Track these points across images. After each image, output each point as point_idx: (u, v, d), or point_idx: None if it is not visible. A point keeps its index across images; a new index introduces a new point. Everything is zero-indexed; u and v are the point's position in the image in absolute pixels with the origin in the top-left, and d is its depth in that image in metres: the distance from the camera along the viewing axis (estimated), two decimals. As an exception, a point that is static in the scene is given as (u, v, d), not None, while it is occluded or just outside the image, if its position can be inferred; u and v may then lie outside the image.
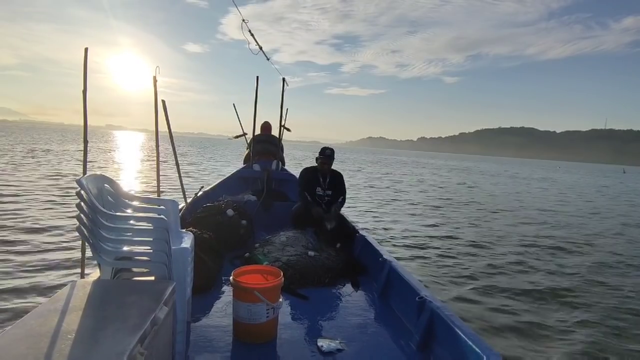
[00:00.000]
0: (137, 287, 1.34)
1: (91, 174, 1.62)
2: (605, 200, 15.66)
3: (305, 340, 1.96)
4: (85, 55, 2.22)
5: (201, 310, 2.18)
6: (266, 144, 5.56)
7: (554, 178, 30.87)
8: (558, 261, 5.44)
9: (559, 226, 8.36)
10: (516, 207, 11.23)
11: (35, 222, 5.49)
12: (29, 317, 1.06)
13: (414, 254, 5.25)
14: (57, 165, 14.22)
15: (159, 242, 1.54)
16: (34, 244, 4.52)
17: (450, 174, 26.22)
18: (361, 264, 3.02)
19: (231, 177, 5.34)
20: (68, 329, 1.02)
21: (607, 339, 3.17)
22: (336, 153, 4.05)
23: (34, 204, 6.86)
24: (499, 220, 8.68)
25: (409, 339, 1.98)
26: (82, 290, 1.28)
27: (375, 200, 10.58)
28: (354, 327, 2.12)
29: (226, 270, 2.70)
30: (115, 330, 1.02)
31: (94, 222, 1.46)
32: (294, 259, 2.78)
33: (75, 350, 0.92)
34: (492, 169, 39.45)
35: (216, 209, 3.51)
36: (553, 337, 3.14)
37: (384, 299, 2.49)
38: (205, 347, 1.82)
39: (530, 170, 46.61)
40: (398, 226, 7.08)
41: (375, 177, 19.11)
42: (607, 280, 4.69)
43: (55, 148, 24.37)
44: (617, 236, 7.69)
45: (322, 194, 3.75)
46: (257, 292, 1.82)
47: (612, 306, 3.87)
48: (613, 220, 9.79)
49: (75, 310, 1.13)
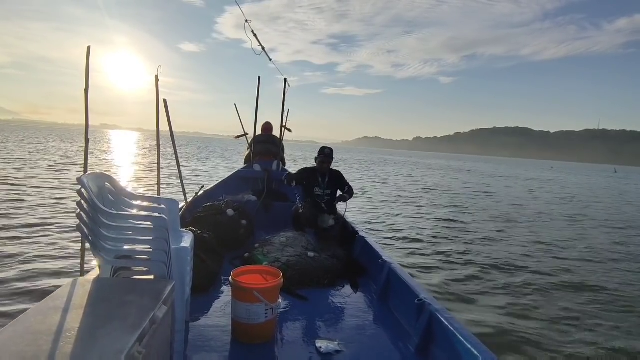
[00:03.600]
0: (136, 286, 1.35)
1: (92, 172, 1.62)
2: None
3: (304, 341, 1.96)
4: (88, 55, 2.22)
5: (200, 310, 2.18)
6: (267, 144, 5.56)
7: (555, 179, 30.96)
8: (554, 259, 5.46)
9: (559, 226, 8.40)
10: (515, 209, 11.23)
11: (35, 220, 5.50)
12: (28, 315, 1.06)
13: (413, 254, 5.26)
14: (57, 164, 14.25)
15: (158, 241, 1.54)
16: (34, 241, 4.53)
17: (469, 177, 26.15)
18: (361, 266, 3.02)
19: (231, 177, 5.34)
20: (67, 326, 1.02)
21: (608, 339, 3.17)
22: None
23: (34, 202, 6.87)
24: (496, 222, 8.69)
25: (407, 341, 1.98)
26: (82, 288, 1.28)
27: (373, 199, 10.59)
28: (353, 328, 2.12)
29: (226, 270, 2.70)
30: (114, 329, 1.02)
31: (95, 220, 1.47)
32: (294, 259, 2.78)
33: (74, 348, 0.93)
34: (502, 171, 39.64)
35: (216, 209, 3.51)
36: (553, 337, 3.14)
37: (383, 301, 2.49)
38: (203, 347, 1.82)
39: (531, 170, 46.78)
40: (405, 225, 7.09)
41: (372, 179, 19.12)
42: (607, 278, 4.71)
43: (53, 147, 24.42)
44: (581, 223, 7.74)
45: (321, 193, 3.75)
46: (256, 293, 1.82)
47: (612, 306, 3.88)
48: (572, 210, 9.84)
49: (75, 308, 1.13)
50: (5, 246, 4.27)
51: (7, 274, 3.51)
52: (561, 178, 33.03)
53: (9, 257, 3.92)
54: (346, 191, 3.78)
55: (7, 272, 3.54)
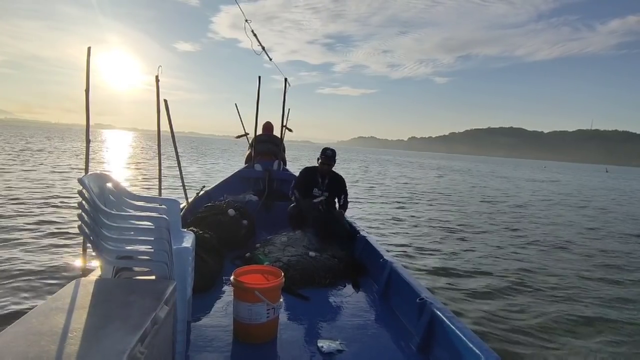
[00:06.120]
0: (138, 286, 1.35)
1: (93, 173, 1.62)
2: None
3: (306, 340, 1.96)
4: (88, 55, 2.22)
5: (202, 310, 2.18)
6: (268, 144, 5.56)
7: (547, 179, 31.02)
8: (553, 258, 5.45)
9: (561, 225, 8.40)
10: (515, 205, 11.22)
11: (37, 220, 5.51)
12: (30, 315, 1.06)
13: (413, 254, 5.26)
14: (56, 164, 14.27)
15: (160, 242, 1.54)
16: (35, 242, 4.53)
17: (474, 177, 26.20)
18: (362, 265, 3.02)
19: (232, 177, 5.34)
20: (69, 327, 1.02)
21: (610, 339, 3.17)
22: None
23: (34, 201, 6.88)
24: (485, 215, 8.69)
25: (409, 340, 1.98)
26: (83, 288, 1.28)
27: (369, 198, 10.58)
28: (354, 328, 2.12)
29: (227, 270, 2.70)
30: (116, 329, 1.02)
31: (96, 220, 1.47)
32: (295, 259, 2.78)
33: (76, 348, 0.93)
34: (500, 171, 39.73)
35: (217, 209, 3.51)
36: (553, 339, 3.13)
37: (384, 300, 2.49)
38: (205, 347, 1.82)
39: (524, 170, 46.85)
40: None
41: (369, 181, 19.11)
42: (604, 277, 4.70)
43: (50, 147, 24.41)
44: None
45: (318, 194, 3.74)
46: (257, 292, 1.82)
47: (612, 306, 3.87)
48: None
49: (76, 308, 1.13)
50: (6, 247, 4.27)
51: (9, 274, 3.51)
52: (553, 178, 33.17)
53: (10, 258, 3.92)
54: (342, 204, 3.77)
55: (8, 273, 3.54)
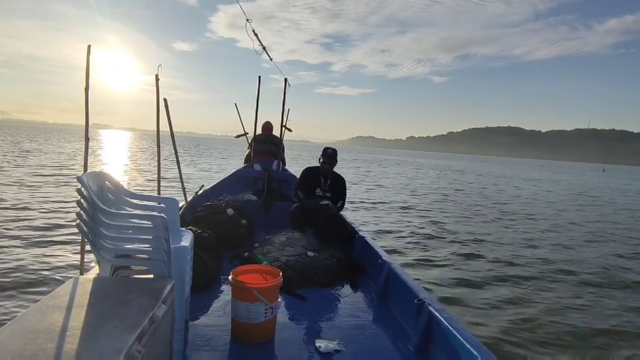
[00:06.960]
0: (135, 285, 1.35)
1: (92, 171, 1.62)
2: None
3: (303, 340, 1.96)
4: (88, 54, 2.22)
5: (200, 309, 2.18)
6: (267, 144, 5.56)
7: (545, 178, 31.10)
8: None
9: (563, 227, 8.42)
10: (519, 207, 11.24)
11: (35, 219, 5.50)
12: (27, 313, 1.06)
13: (413, 254, 5.26)
14: (55, 163, 14.24)
15: (158, 240, 1.54)
16: (33, 240, 4.53)
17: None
18: (360, 265, 3.02)
19: (232, 176, 5.34)
20: (66, 325, 1.02)
21: (610, 340, 3.17)
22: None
23: (33, 200, 6.87)
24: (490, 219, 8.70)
25: (407, 341, 1.98)
26: (81, 287, 1.28)
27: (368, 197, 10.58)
28: (352, 328, 2.12)
29: (225, 269, 2.70)
30: (113, 328, 1.02)
31: (94, 219, 1.47)
32: (293, 259, 2.78)
33: (73, 346, 0.92)
34: (500, 171, 39.78)
35: (216, 208, 3.51)
36: (553, 339, 3.14)
37: (382, 301, 2.49)
38: (203, 346, 1.82)
39: (523, 170, 46.92)
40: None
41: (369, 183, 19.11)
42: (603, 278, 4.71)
43: (48, 147, 24.38)
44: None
45: (321, 195, 3.74)
46: (255, 292, 1.82)
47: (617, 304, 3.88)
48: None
49: (74, 307, 1.13)
50: (4, 245, 4.27)
51: (7, 272, 3.51)
52: (551, 177, 33.33)
53: (7, 256, 3.92)
54: (338, 207, 3.73)
55: (6, 271, 3.54)
